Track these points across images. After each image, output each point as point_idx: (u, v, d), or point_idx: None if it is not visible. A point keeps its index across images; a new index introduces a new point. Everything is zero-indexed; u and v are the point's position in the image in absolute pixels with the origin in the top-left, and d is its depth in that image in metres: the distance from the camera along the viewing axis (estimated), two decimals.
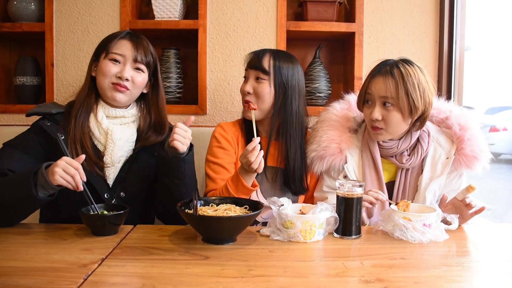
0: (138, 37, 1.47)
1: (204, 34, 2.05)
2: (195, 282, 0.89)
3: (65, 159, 1.17)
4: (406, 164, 1.46)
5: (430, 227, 1.20)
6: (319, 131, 1.56)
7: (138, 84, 1.44)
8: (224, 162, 1.54)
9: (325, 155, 1.50)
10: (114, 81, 1.40)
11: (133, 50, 1.42)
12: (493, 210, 2.38)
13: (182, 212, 1.14)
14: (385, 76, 1.40)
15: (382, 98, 1.39)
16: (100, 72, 1.42)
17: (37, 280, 0.89)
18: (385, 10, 2.10)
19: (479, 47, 3.79)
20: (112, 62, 1.41)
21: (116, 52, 1.41)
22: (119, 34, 1.46)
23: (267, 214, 1.54)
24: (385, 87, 1.38)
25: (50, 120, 1.40)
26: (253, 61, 1.55)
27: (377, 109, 1.40)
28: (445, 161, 1.46)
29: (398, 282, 0.90)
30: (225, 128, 1.61)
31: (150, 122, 1.50)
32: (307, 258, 1.06)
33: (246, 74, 1.59)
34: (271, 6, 2.07)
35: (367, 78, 1.46)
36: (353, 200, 1.21)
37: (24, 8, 2.05)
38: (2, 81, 2.21)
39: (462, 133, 1.46)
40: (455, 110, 1.53)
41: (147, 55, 1.45)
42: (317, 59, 2.11)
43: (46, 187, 1.17)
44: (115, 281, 0.90)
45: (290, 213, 1.18)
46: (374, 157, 1.49)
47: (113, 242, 1.14)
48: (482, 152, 1.45)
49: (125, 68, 1.41)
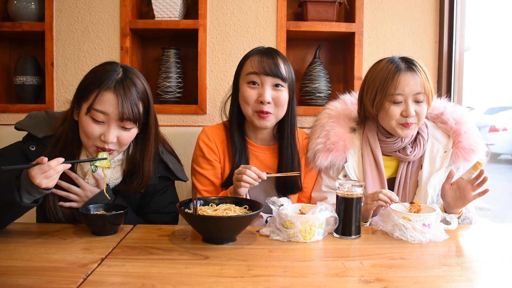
0: (126, 87, 1.24)
1: (204, 34, 2.05)
2: (195, 282, 0.89)
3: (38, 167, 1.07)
4: (411, 156, 1.48)
5: (430, 227, 1.20)
6: (325, 125, 1.55)
7: (125, 142, 1.29)
8: (209, 174, 1.50)
9: (331, 149, 1.50)
10: (98, 145, 1.26)
11: (119, 107, 1.22)
12: (492, 210, 2.38)
13: (181, 212, 1.14)
14: (412, 72, 1.41)
15: (416, 95, 1.41)
16: (82, 131, 1.26)
17: (36, 279, 0.89)
18: (385, 10, 2.10)
19: (479, 48, 3.79)
20: (94, 122, 1.23)
21: (98, 109, 1.22)
22: (105, 82, 1.23)
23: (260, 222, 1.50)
24: (416, 83, 1.40)
25: (36, 144, 1.31)
26: (270, 67, 1.41)
27: (412, 105, 1.41)
28: (443, 154, 1.49)
29: (398, 282, 0.90)
30: (209, 135, 1.53)
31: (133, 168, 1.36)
32: (307, 258, 1.06)
33: (258, 79, 1.43)
34: (271, 6, 2.07)
35: (386, 76, 1.42)
36: (352, 200, 1.21)
37: (24, 8, 2.05)
38: (2, 80, 2.21)
39: (458, 127, 1.50)
40: (449, 106, 1.57)
41: (136, 109, 1.25)
42: (317, 59, 2.11)
43: (32, 191, 1.09)
44: (115, 281, 0.90)
45: (290, 213, 1.18)
46: (376, 155, 1.50)
47: (113, 241, 1.14)
48: (479, 145, 1.49)
49: (110, 130, 1.23)
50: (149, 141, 1.35)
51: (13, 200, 1.07)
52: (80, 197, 1.30)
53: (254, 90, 1.44)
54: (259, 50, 1.49)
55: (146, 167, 1.35)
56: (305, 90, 2.09)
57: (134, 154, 1.36)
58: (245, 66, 1.47)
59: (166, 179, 1.45)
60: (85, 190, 1.31)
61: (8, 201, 1.07)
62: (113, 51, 2.08)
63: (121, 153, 1.36)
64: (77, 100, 1.28)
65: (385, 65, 1.45)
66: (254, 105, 1.44)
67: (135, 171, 1.35)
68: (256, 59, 1.44)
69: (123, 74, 1.27)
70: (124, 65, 1.32)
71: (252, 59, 1.46)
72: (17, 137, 1.38)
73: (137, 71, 1.34)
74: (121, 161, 1.37)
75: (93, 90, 1.23)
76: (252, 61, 1.45)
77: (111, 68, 1.27)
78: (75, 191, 1.30)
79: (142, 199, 1.43)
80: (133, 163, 1.36)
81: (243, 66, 1.49)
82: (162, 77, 2.08)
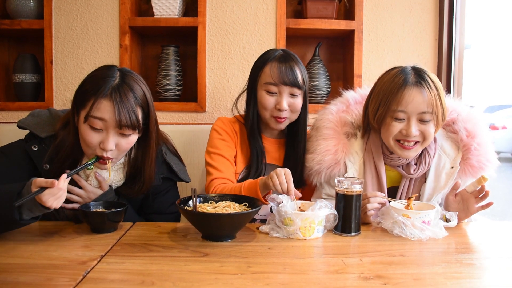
0: (122, 93, 1.21)
1: (204, 31, 2.05)
2: (195, 279, 0.89)
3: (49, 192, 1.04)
4: (414, 174, 1.40)
5: (429, 224, 1.20)
6: (314, 142, 1.50)
7: (124, 149, 1.27)
8: (225, 153, 1.54)
9: (320, 170, 1.45)
10: (98, 154, 1.24)
11: (116, 114, 1.19)
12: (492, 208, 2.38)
13: (181, 209, 1.14)
14: (419, 88, 1.29)
15: (421, 115, 1.30)
16: (82, 139, 1.25)
17: (36, 277, 0.89)
18: (385, 8, 2.10)
19: (479, 46, 3.80)
20: (93, 130, 1.22)
21: (96, 116, 1.20)
22: (102, 89, 1.20)
23: (263, 211, 1.54)
24: (423, 100, 1.29)
25: (38, 143, 1.29)
26: (288, 78, 1.47)
27: (415, 125, 1.30)
28: (450, 171, 1.39)
29: (397, 279, 0.90)
30: (225, 122, 1.61)
31: (135, 171, 1.36)
32: (307, 255, 1.06)
33: (276, 89, 1.49)
34: (270, 4, 2.07)
35: (391, 88, 1.32)
36: (352, 197, 1.21)
37: (23, 5, 2.04)
38: (1, 78, 2.20)
39: (469, 141, 1.38)
40: (462, 113, 1.44)
41: (134, 115, 1.23)
42: (316, 56, 2.11)
43: (34, 209, 1.07)
44: (115, 278, 0.90)
45: (289, 210, 1.18)
46: (378, 168, 1.42)
47: (113, 239, 1.14)
48: (489, 162, 1.38)
49: (108, 138, 1.22)
50: (149, 146, 1.34)
51: (12, 218, 1.04)
52: (83, 199, 1.30)
53: (273, 98, 1.50)
54: (277, 57, 1.51)
55: (147, 172, 1.34)
56: None
57: (136, 157, 1.35)
58: (264, 74, 1.51)
59: (169, 180, 1.45)
60: (87, 192, 1.30)
61: (6, 218, 1.05)
62: (112, 48, 2.08)
63: (123, 157, 1.35)
64: (75, 106, 1.26)
65: (393, 76, 1.34)
66: (271, 110, 1.51)
67: (137, 174, 1.35)
68: (276, 68, 1.48)
69: (120, 80, 1.24)
70: (122, 69, 1.29)
71: (271, 67, 1.49)
72: (17, 135, 1.38)
73: (136, 74, 1.31)
74: (123, 164, 1.36)
75: (90, 97, 1.21)
76: (271, 70, 1.48)
77: (108, 74, 1.24)
78: (77, 192, 1.30)
79: (145, 199, 1.43)
80: (135, 166, 1.35)
81: (261, 72, 1.52)
82: (162, 75, 2.07)
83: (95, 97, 1.20)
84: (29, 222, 1.09)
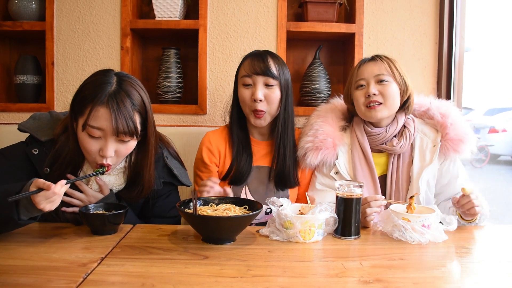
0: (119, 100, 1.20)
1: (205, 34, 2.06)
2: (195, 282, 0.89)
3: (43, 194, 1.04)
4: (397, 147, 1.50)
5: (429, 228, 1.20)
6: (314, 125, 1.59)
7: (122, 154, 1.27)
8: (205, 177, 1.55)
9: (321, 147, 1.53)
10: (97, 161, 1.24)
11: (113, 121, 1.18)
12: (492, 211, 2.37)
13: (181, 211, 1.14)
14: (375, 61, 1.51)
15: (377, 76, 1.48)
16: (82, 147, 1.25)
17: (36, 279, 0.89)
18: (385, 11, 2.11)
19: (479, 49, 3.80)
20: (91, 138, 1.22)
21: (93, 125, 1.19)
22: (99, 97, 1.19)
23: (259, 215, 1.53)
24: (378, 68, 1.49)
25: (39, 147, 1.29)
26: (259, 67, 1.51)
27: (373, 86, 1.48)
28: (432, 148, 1.52)
29: (397, 283, 0.90)
30: (211, 138, 1.62)
31: (135, 175, 1.36)
32: (306, 259, 1.06)
33: (250, 80, 1.53)
34: (271, 7, 2.07)
35: (353, 70, 1.56)
36: (352, 200, 1.21)
37: (25, 7, 2.05)
38: (3, 79, 2.21)
39: (444, 120, 1.53)
40: (434, 102, 1.61)
41: (132, 122, 1.22)
42: (317, 59, 2.12)
43: (31, 209, 1.06)
44: (115, 280, 0.90)
45: (289, 213, 1.18)
46: (364, 149, 1.53)
47: (113, 241, 1.14)
48: (467, 134, 1.50)
49: (107, 145, 1.22)
50: (148, 151, 1.33)
51: (10, 217, 1.04)
52: (84, 203, 1.30)
53: (248, 90, 1.54)
54: (251, 53, 1.60)
55: (147, 177, 1.34)
56: (305, 90, 2.09)
57: (136, 161, 1.35)
58: (240, 70, 1.58)
59: (169, 184, 1.45)
60: (88, 196, 1.30)
61: (5, 216, 1.05)
62: (113, 50, 2.08)
63: (123, 161, 1.35)
64: (73, 113, 1.25)
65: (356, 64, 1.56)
66: (249, 104, 1.54)
67: (137, 178, 1.35)
68: (248, 62, 1.55)
69: (117, 86, 1.23)
70: (119, 74, 1.28)
71: (245, 63, 1.57)
72: (17, 136, 1.37)
73: (133, 78, 1.29)
74: (124, 168, 1.36)
75: (87, 104, 1.20)
76: (244, 65, 1.56)
77: (105, 80, 1.23)
78: (78, 196, 1.30)
79: (145, 203, 1.43)
80: (135, 170, 1.35)
81: (239, 70, 1.60)
82: (162, 77, 2.08)
83: (92, 105, 1.19)
84: (28, 222, 1.09)
